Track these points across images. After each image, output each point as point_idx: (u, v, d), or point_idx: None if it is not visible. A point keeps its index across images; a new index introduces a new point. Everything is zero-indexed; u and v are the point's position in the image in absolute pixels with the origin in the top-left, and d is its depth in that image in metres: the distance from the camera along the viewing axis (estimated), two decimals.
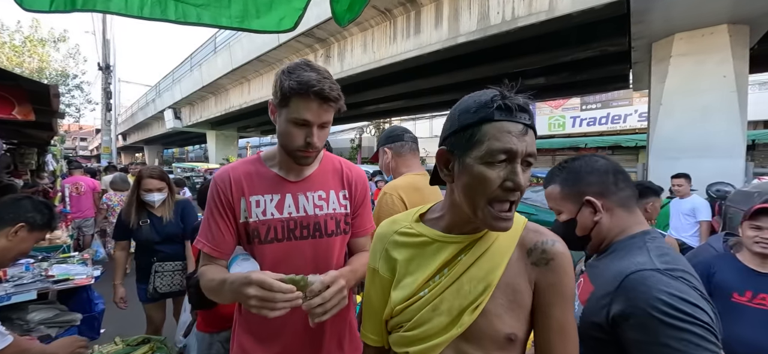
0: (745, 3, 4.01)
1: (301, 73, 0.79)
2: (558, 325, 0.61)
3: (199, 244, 0.89)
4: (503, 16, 5.22)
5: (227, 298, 0.78)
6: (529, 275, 0.62)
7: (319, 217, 0.92)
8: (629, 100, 12.22)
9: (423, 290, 0.65)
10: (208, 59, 12.62)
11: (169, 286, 2.06)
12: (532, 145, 0.57)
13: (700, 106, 4.63)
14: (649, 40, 5.04)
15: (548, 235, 0.64)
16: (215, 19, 0.86)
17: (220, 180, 0.89)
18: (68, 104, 16.73)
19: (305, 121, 0.81)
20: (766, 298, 1.22)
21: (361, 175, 1.01)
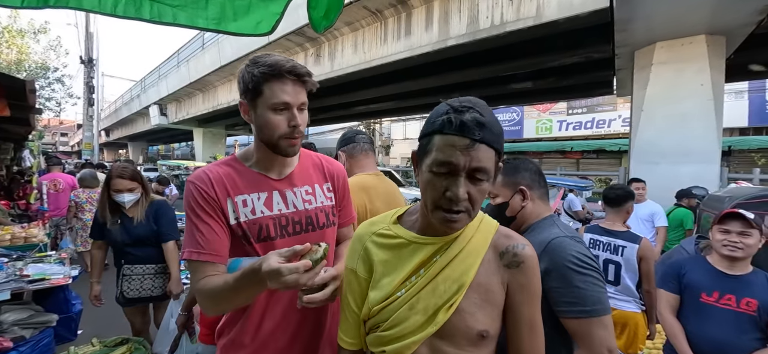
0: (722, 15, 4.19)
1: (267, 59, 0.79)
2: (528, 322, 0.66)
3: (189, 255, 0.79)
4: (492, 20, 5.30)
5: (242, 295, 0.72)
6: (501, 276, 0.66)
7: (310, 211, 0.91)
8: (614, 106, 12.56)
9: (400, 290, 0.67)
10: (196, 55, 12.38)
11: (137, 291, 1.91)
12: (478, 159, 0.57)
13: (679, 113, 4.80)
14: (631, 48, 5.20)
15: (518, 240, 0.69)
16: (192, 20, 0.84)
17: (199, 181, 0.83)
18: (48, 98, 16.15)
19: (285, 103, 0.79)
20: (731, 298, 1.28)
21: (340, 168, 1.03)
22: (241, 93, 0.83)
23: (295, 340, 0.89)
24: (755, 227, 1.25)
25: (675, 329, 1.36)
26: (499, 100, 10.63)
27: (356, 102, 10.70)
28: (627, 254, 1.86)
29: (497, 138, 0.60)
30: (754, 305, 1.23)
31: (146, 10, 0.80)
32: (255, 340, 0.86)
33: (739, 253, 1.26)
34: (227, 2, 0.86)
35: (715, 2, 3.95)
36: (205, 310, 0.80)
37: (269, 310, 0.86)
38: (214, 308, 0.79)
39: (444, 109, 0.60)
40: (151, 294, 1.94)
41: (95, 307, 2.02)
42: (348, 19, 7.01)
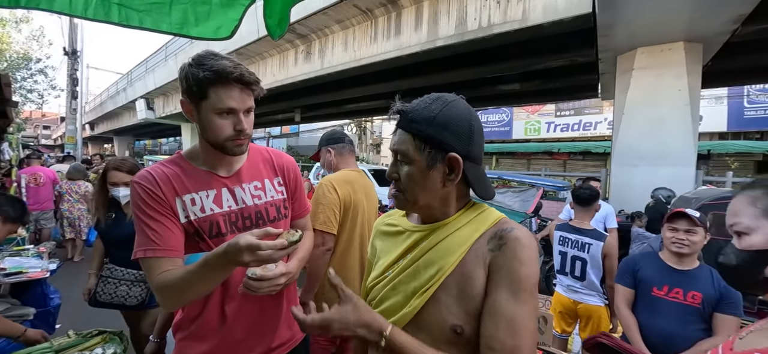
0: (698, 23, 4.35)
1: (213, 63, 0.76)
2: (505, 314, 0.57)
3: (144, 253, 0.78)
4: (480, 22, 5.38)
5: (208, 280, 0.73)
6: (484, 260, 0.61)
7: (260, 206, 0.92)
8: (600, 109, 12.84)
9: (389, 271, 0.72)
10: (184, 49, 12.18)
11: (109, 296, 1.74)
12: (396, 142, 0.67)
13: (658, 117, 4.97)
14: (614, 53, 5.36)
15: (511, 224, 0.64)
16: (156, 24, 0.88)
17: (143, 180, 0.82)
18: (30, 89, 15.69)
19: (230, 108, 0.79)
20: (679, 292, 1.37)
21: (290, 161, 1.04)
22: (182, 91, 0.81)
23: (255, 328, 0.92)
24: (700, 225, 1.34)
25: (629, 321, 1.45)
26: (488, 101, 10.77)
27: (346, 100, 10.70)
28: (592, 251, 1.96)
29: (415, 123, 0.64)
30: (698, 298, 1.33)
31: (115, 14, 0.83)
32: (217, 333, 0.88)
33: (685, 249, 1.35)
34: (189, 8, 0.89)
35: (691, 11, 4.10)
36: (165, 304, 0.80)
37: (228, 302, 0.89)
38: (177, 300, 0.78)
39: None
40: (123, 302, 1.75)
41: (74, 303, 2.01)
42: (338, 17, 7.01)
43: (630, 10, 4.12)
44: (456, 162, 0.63)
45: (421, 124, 0.63)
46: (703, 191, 3.06)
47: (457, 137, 0.63)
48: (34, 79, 15.63)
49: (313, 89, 9.12)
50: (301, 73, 8.30)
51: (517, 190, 5.24)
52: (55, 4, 0.76)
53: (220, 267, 0.70)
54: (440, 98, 0.66)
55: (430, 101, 0.66)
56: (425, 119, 0.63)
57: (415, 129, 0.64)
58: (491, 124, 15.30)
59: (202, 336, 0.88)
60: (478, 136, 0.66)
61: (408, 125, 0.65)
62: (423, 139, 0.63)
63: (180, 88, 0.82)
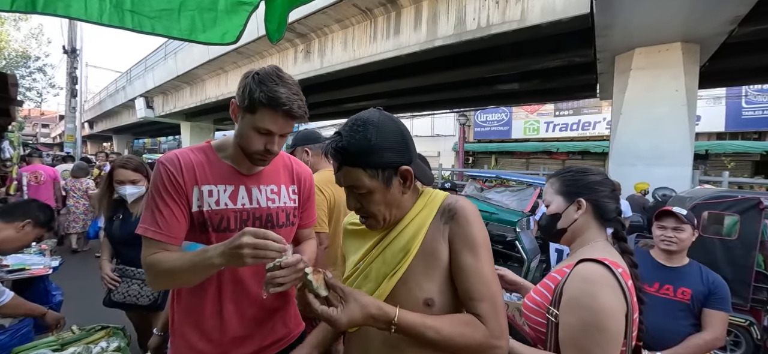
0: (695, 24, 4.39)
1: (272, 87, 0.80)
2: (473, 270, 0.66)
3: (145, 231, 0.82)
4: (479, 22, 5.41)
5: (200, 270, 0.77)
6: (442, 233, 0.70)
7: (272, 209, 0.95)
8: (599, 108, 12.89)
9: (360, 263, 0.78)
10: (184, 48, 12.17)
11: (122, 295, 1.73)
12: (347, 179, 0.70)
13: (655, 117, 5.01)
14: (612, 53, 5.39)
15: (454, 197, 0.74)
16: (167, 30, 0.92)
17: (169, 163, 0.86)
18: (29, 88, 15.66)
19: (268, 131, 0.84)
20: (669, 288, 1.40)
21: (307, 172, 1.08)
22: (238, 95, 0.85)
23: (251, 323, 0.94)
24: (686, 223, 1.38)
25: None
26: (487, 101, 10.80)
27: (346, 99, 10.72)
28: None
29: (359, 156, 0.67)
30: (688, 294, 1.36)
31: (128, 20, 0.88)
32: (213, 327, 0.90)
33: (673, 246, 1.39)
34: (197, 16, 0.95)
35: (688, 12, 4.14)
36: (152, 282, 0.85)
37: (225, 296, 0.91)
38: (163, 281, 0.85)
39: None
40: (136, 301, 1.74)
41: (76, 300, 2.03)
42: (338, 16, 7.03)
43: (627, 11, 4.16)
44: (408, 172, 0.71)
45: (365, 155, 0.67)
46: (698, 191, 3.10)
47: (398, 151, 0.70)
48: (32, 77, 15.62)
49: (312, 88, 9.14)
50: (300, 72, 8.32)
51: (515, 189, 5.27)
52: (72, 10, 0.79)
53: (214, 260, 0.73)
54: (366, 122, 0.69)
55: (359, 129, 0.68)
56: (366, 150, 0.67)
57: (362, 162, 0.68)
58: (490, 124, 15.33)
59: (198, 329, 0.91)
60: (409, 139, 0.74)
61: (353, 161, 0.68)
62: (373, 166, 0.68)
63: (237, 91, 0.86)
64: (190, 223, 0.88)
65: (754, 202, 2.43)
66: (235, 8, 0.96)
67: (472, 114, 15.18)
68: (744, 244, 2.45)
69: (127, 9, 0.87)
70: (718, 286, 1.34)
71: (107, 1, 0.83)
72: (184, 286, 0.88)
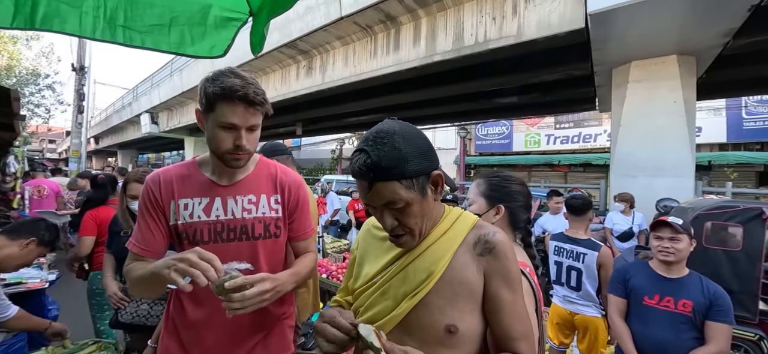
0: (689, 37, 4.45)
1: (225, 80, 0.81)
2: (510, 307, 0.66)
3: (130, 245, 0.89)
4: (476, 37, 5.51)
5: (161, 277, 0.75)
6: (477, 265, 0.67)
7: (247, 220, 0.92)
8: (599, 121, 12.93)
9: (377, 277, 0.74)
10: (189, 65, 12.44)
11: (131, 315, 1.65)
12: (381, 197, 0.65)
13: (654, 129, 5.02)
14: (609, 66, 5.45)
15: (489, 228, 0.71)
16: (156, 44, 0.96)
17: (151, 182, 0.91)
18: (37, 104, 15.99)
19: (232, 124, 0.83)
20: (670, 300, 1.38)
21: (295, 180, 1.02)
22: (198, 101, 0.87)
23: (226, 338, 0.93)
24: (683, 232, 1.36)
25: (622, 331, 1.45)
26: (487, 114, 10.87)
27: (347, 114, 10.83)
28: (587, 261, 1.96)
29: (393, 168, 0.63)
30: (689, 306, 1.33)
31: (120, 35, 0.92)
32: (189, 335, 0.92)
33: (671, 257, 1.37)
34: (186, 30, 0.98)
35: (681, 26, 4.20)
36: (131, 290, 0.90)
37: (197, 305, 0.92)
38: (136, 290, 0.87)
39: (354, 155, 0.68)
40: (145, 322, 1.65)
41: (71, 315, 2.02)
42: (339, 34, 7.18)
43: (621, 25, 4.22)
44: (440, 177, 0.69)
45: (398, 167, 0.64)
46: (699, 201, 3.07)
47: (426, 156, 0.68)
48: (41, 94, 15.97)
49: (314, 103, 9.25)
50: (302, 88, 8.45)
51: None
52: (67, 26, 0.84)
53: (168, 266, 0.73)
54: (390, 133, 0.65)
55: (385, 141, 0.64)
56: (398, 159, 0.64)
57: (396, 174, 0.64)
58: (491, 137, 15.38)
59: (176, 336, 0.92)
60: (431, 144, 0.72)
61: (386, 175, 0.64)
62: (409, 176, 0.65)
63: (194, 100, 0.87)
64: (171, 236, 0.92)
65: (757, 212, 2.40)
66: (224, 23, 1.00)
67: (473, 127, 15.26)
68: (749, 255, 2.40)
69: (120, 24, 0.91)
70: (719, 297, 1.31)
71: (101, 18, 0.87)
72: (155, 295, 0.90)
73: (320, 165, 19.21)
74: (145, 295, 0.98)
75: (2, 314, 1.46)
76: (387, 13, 6.30)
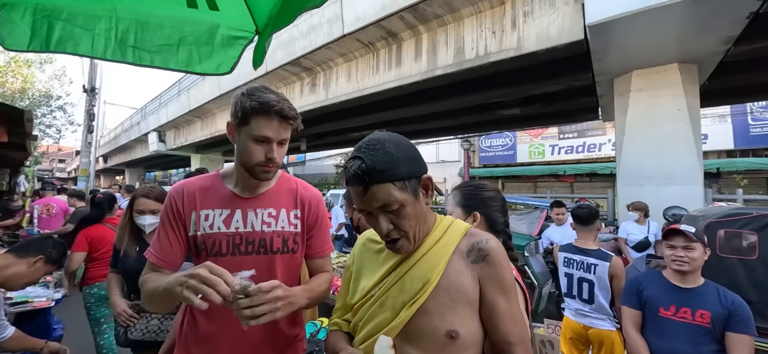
0: (689, 45, 4.46)
1: (261, 95, 0.84)
2: (507, 313, 0.68)
3: (148, 255, 0.90)
4: (477, 51, 5.59)
5: (173, 293, 0.73)
6: (472, 273, 0.69)
7: (266, 233, 0.92)
8: (603, 130, 12.88)
9: (374, 290, 0.74)
10: (197, 84, 12.74)
11: (141, 332, 1.57)
12: (377, 199, 0.67)
13: (659, 137, 4.98)
14: (610, 76, 5.47)
15: (482, 236, 0.73)
16: (165, 62, 0.99)
17: (174, 193, 0.93)
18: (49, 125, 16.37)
19: (266, 137, 0.85)
20: (687, 311, 1.33)
21: (315, 196, 1.02)
22: (231, 115, 0.89)
23: (240, 351, 0.92)
24: (696, 241, 1.33)
25: (638, 345, 1.40)
26: (489, 126, 10.90)
27: (351, 128, 10.94)
28: (599, 272, 1.91)
29: (387, 171, 0.66)
30: (707, 317, 1.29)
31: (130, 55, 0.96)
32: (202, 349, 0.91)
33: (685, 266, 1.33)
34: (194, 49, 1.02)
35: (681, 34, 4.22)
36: (144, 300, 0.87)
37: (210, 319, 0.91)
38: (148, 303, 0.86)
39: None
40: (155, 338, 1.57)
41: (75, 334, 2.01)
42: (342, 51, 7.34)
43: (621, 35, 4.26)
44: (429, 180, 0.72)
45: (392, 168, 0.67)
46: (710, 209, 3.00)
47: (416, 161, 0.71)
48: (53, 115, 16.38)
49: (318, 119, 9.37)
50: (306, 104, 8.58)
51: (522, 212, 5.19)
52: (80, 48, 0.88)
53: (178, 281, 0.71)
54: (380, 140, 0.69)
55: (377, 147, 0.68)
56: (391, 162, 0.67)
57: (390, 176, 0.67)
58: (495, 149, 15.38)
59: (188, 352, 0.91)
60: (419, 151, 0.75)
61: (381, 178, 0.66)
62: (401, 178, 0.68)
63: (231, 113, 0.90)
64: (189, 247, 0.92)
65: None
66: (231, 42, 1.04)
67: (477, 139, 15.28)
68: (766, 263, 2.32)
69: (130, 45, 0.95)
70: (738, 307, 1.26)
71: (112, 39, 0.92)
72: (166, 309, 0.89)
73: (325, 180, 19.26)
74: (157, 310, 0.96)
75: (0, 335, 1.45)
76: (388, 30, 6.44)
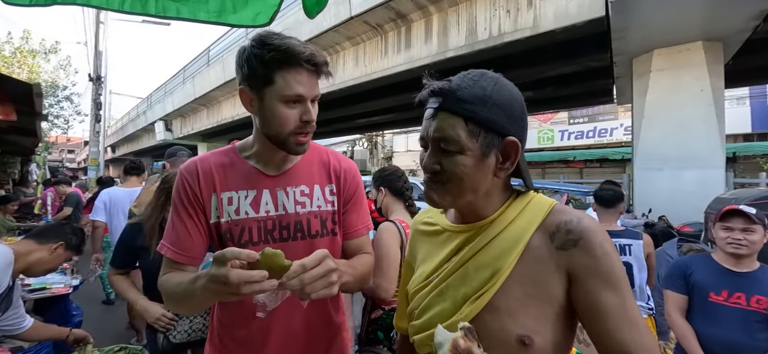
0: (717, 21, 4.24)
1: (280, 42, 0.67)
2: (619, 315, 0.50)
3: (163, 249, 0.76)
4: (490, 31, 5.39)
5: (199, 297, 0.63)
6: (557, 262, 0.54)
7: (302, 215, 0.79)
8: (615, 115, 12.57)
9: (433, 275, 0.64)
10: (201, 72, 12.64)
11: (186, 334, 1.39)
12: (437, 129, 0.56)
13: (680, 119, 4.80)
14: (629, 56, 5.25)
15: (573, 214, 0.56)
16: (194, 13, 0.86)
17: (187, 173, 0.77)
18: (57, 115, 16.45)
19: (299, 96, 0.69)
20: (741, 296, 1.25)
21: (351, 167, 0.88)
22: (243, 78, 0.72)
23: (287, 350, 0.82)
24: (758, 223, 1.23)
25: (685, 331, 1.32)
26: None
27: (358, 115, 10.81)
28: (635, 251, 1.82)
29: (466, 103, 0.54)
30: (764, 303, 1.20)
31: (151, 5, 0.82)
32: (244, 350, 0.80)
33: (743, 250, 1.24)
34: None
35: (708, 9, 4.00)
36: (167, 304, 0.77)
37: (256, 318, 0.81)
38: (172, 305, 0.75)
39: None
40: (202, 336, 1.41)
41: (93, 320, 1.99)
42: (349, 34, 7.15)
43: (644, 11, 4.05)
44: (514, 147, 0.56)
45: (475, 104, 0.54)
46: (741, 192, 2.89)
47: (512, 119, 0.56)
48: (60, 105, 16.41)
49: (325, 105, 9.20)
50: None
51: None
52: (92, 0, 0.76)
53: (207, 284, 0.60)
54: (485, 74, 0.57)
55: (476, 77, 0.57)
56: (479, 99, 0.54)
57: (468, 111, 0.54)
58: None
59: (224, 347, 0.81)
60: (527, 120, 0.61)
61: (457, 106, 0.55)
62: (478, 122, 0.54)
63: (238, 76, 0.73)
64: (211, 237, 0.78)
65: None
66: None
67: None
68: None
69: None
70: None
71: None
72: (191, 312, 0.79)
73: None
74: (184, 313, 0.86)
75: (18, 327, 1.44)
76: (397, 11, 6.24)
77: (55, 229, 1.59)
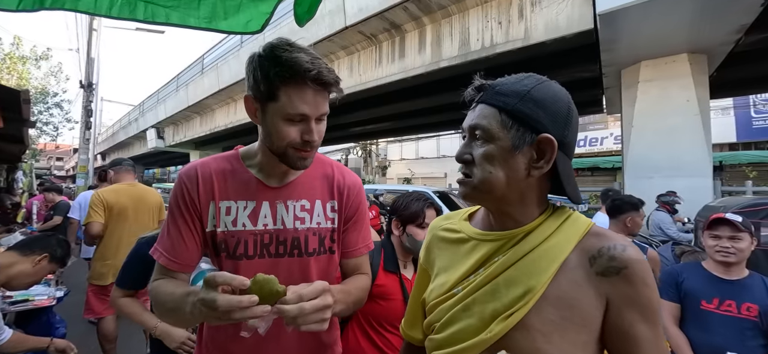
0: (700, 35, 4.38)
1: (288, 56, 0.64)
2: (650, 348, 0.50)
3: (155, 254, 0.74)
4: (482, 42, 5.48)
5: (188, 315, 0.61)
6: (596, 288, 0.52)
7: (300, 231, 0.76)
8: (605, 124, 12.84)
9: (456, 288, 0.60)
10: (195, 79, 12.59)
11: None
12: (473, 117, 0.59)
13: (668, 128, 4.92)
14: (618, 67, 5.39)
15: (616, 240, 0.54)
16: (183, 19, 0.85)
17: (186, 177, 0.75)
18: (46, 122, 16.18)
19: (302, 115, 0.67)
20: (732, 304, 1.26)
21: (356, 184, 0.85)
22: (249, 86, 0.70)
23: None
24: (744, 231, 1.25)
25: (678, 340, 1.33)
26: None
27: (352, 123, 10.83)
28: None
29: (502, 95, 0.55)
30: (754, 310, 1.22)
31: (140, 11, 0.81)
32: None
33: (731, 258, 1.25)
34: (219, 1, 0.86)
35: (692, 23, 4.14)
36: (156, 312, 0.75)
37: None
38: (161, 315, 0.73)
39: None
40: None
41: (78, 333, 1.93)
42: (343, 43, 7.21)
43: (631, 25, 4.17)
44: (549, 144, 0.53)
45: (510, 97, 0.55)
46: (730, 200, 2.95)
47: (553, 118, 0.54)
48: (50, 112, 16.15)
49: None
50: None
51: None
52: (80, 5, 0.75)
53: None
54: (533, 75, 0.58)
55: (521, 77, 0.58)
56: (516, 93, 0.55)
57: (501, 102, 0.55)
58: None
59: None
60: (575, 124, 0.57)
61: (493, 97, 0.56)
62: (510, 113, 0.54)
63: (247, 83, 0.71)
64: (206, 244, 0.76)
65: None
66: None
67: None
68: None
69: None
70: None
71: None
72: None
73: None
74: (171, 324, 0.86)
75: None
76: (391, 22, 6.32)
77: (40, 240, 1.55)
